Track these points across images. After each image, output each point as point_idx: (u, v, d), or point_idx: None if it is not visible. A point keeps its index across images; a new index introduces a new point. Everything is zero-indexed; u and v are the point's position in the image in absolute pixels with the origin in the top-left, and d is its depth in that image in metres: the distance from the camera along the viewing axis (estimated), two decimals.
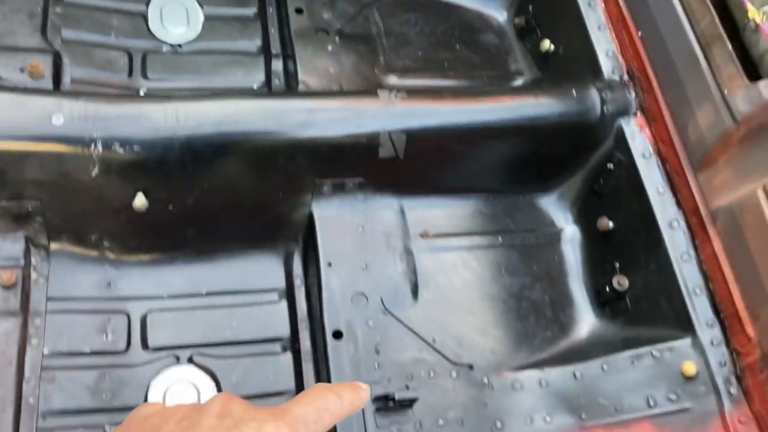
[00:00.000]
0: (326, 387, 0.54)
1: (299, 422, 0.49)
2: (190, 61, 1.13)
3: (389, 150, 0.96)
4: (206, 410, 0.48)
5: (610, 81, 1.04)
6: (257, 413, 0.48)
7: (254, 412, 0.48)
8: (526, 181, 1.06)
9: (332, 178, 0.97)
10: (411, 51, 1.16)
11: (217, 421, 0.46)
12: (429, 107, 0.98)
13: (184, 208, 0.93)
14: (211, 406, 0.48)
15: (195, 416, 0.47)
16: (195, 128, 0.89)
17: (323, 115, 0.94)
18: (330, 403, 0.52)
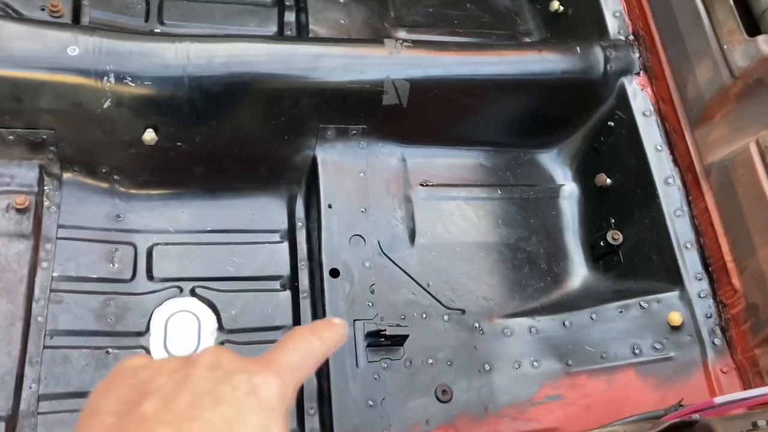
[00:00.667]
0: (307, 330, 0.55)
1: (286, 370, 0.50)
2: (205, 8, 1.16)
3: (393, 98, 0.98)
4: (197, 362, 0.48)
5: (615, 40, 1.05)
6: (247, 364, 0.49)
7: (244, 364, 0.49)
8: (527, 136, 1.08)
9: (336, 123, 0.99)
10: (421, 7, 1.18)
11: (209, 373, 0.47)
12: (433, 57, 1.00)
13: (192, 145, 0.96)
14: (202, 358, 0.48)
15: (186, 369, 0.47)
16: (204, 67, 0.92)
17: (329, 60, 0.96)
18: (313, 346, 0.53)
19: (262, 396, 0.46)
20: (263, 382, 0.47)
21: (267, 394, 0.46)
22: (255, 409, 0.45)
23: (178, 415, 0.43)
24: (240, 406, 0.45)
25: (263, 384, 0.47)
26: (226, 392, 0.45)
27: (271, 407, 0.46)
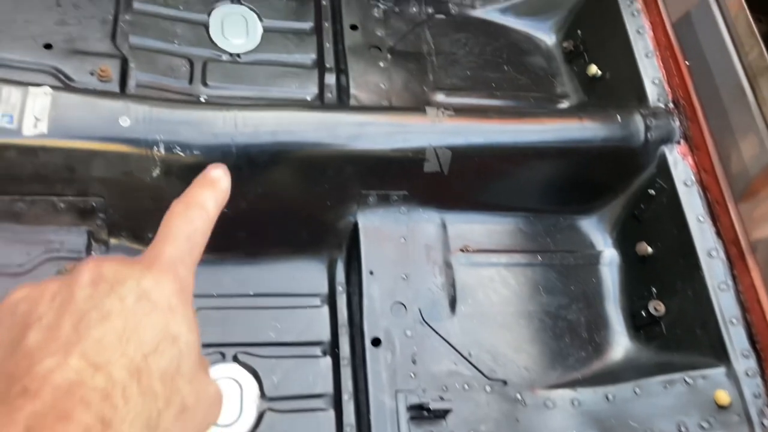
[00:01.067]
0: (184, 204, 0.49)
1: (176, 263, 0.46)
2: (248, 70, 1.18)
3: (434, 165, 0.99)
4: (76, 281, 0.43)
5: (655, 108, 1.05)
6: (131, 269, 0.44)
7: (127, 270, 0.44)
8: (567, 202, 1.08)
9: (378, 189, 1.00)
10: (459, 70, 1.20)
11: (92, 290, 0.42)
12: (475, 125, 1.01)
13: (237, 211, 0.96)
14: (80, 274, 0.43)
15: (65, 291, 0.43)
16: (252, 136, 0.94)
17: (373, 129, 0.98)
18: (197, 221, 0.48)
19: (154, 298, 0.42)
20: (152, 284, 0.43)
21: (160, 294, 0.42)
22: (148, 312, 0.41)
23: (65, 340, 0.39)
24: (130, 315, 0.41)
25: (153, 285, 0.43)
26: (114, 305, 0.41)
27: (167, 305, 0.42)
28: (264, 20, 1.24)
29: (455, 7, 1.26)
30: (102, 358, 0.38)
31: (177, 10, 1.20)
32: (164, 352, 0.41)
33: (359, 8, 1.21)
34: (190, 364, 0.42)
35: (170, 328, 0.42)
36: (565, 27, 1.26)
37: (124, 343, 0.39)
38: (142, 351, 0.40)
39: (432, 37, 1.22)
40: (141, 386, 0.39)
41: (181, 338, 0.42)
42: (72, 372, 0.37)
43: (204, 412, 0.44)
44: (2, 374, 0.39)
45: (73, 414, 0.36)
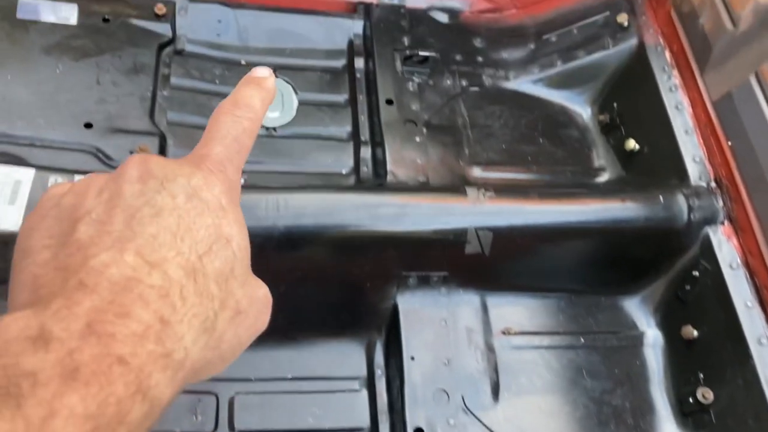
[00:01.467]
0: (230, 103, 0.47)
1: (224, 163, 0.44)
2: (284, 144, 1.18)
3: (476, 247, 0.98)
4: (124, 177, 0.41)
5: (697, 187, 1.04)
6: (179, 167, 0.43)
7: (176, 167, 0.42)
8: (608, 282, 1.07)
9: (418, 271, 0.99)
10: (495, 143, 1.19)
11: (141, 186, 0.41)
12: (516, 207, 1.00)
13: (276, 294, 0.96)
14: (128, 170, 0.42)
15: (113, 185, 0.41)
16: (294, 218, 0.93)
17: (413, 211, 0.97)
18: (245, 121, 0.47)
19: (204, 197, 0.41)
20: (202, 182, 0.42)
21: (210, 193, 0.41)
22: (201, 212, 0.40)
23: (118, 235, 0.37)
24: (183, 213, 0.39)
25: (203, 184, 0.41)
26: (165, 201, 0.40)
27: (218, 205, 0.41)
28: (299, 93, 1.25)
29: (489, 79, 1.27)
30: (158, 255, 0.37)
31: (213, 85, 1.21)
32: (218, 253, 0.39)
33: (394, 82, 1.21)
34: (242, 267, 0.41)
35: (223, 229, 0.40)
36: (600, 99, 1.25)
37: (178, 242, 0.38)
38: (197, 251, 0.38)
39: (467, 110, 1.22)
40: (197, 286, 0.37)
41: (233, 240, 0.41)
42: (128, 268, 0.36)
43: (255, 317, 0.44)
44: (56, 267, 0.37)
45: (132, 311, 0.34)
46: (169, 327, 0.36)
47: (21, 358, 0.31)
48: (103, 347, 0.33)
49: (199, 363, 0.39)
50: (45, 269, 0.38)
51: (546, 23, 1.31)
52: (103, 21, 1.17)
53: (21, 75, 1.06)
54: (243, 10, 1.27)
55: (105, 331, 0.33)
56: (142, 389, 0.34)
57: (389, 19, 1.29)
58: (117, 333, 0.34)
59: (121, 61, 1.13)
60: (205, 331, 0.38)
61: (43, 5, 1.15)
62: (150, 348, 0.34)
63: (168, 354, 0.35)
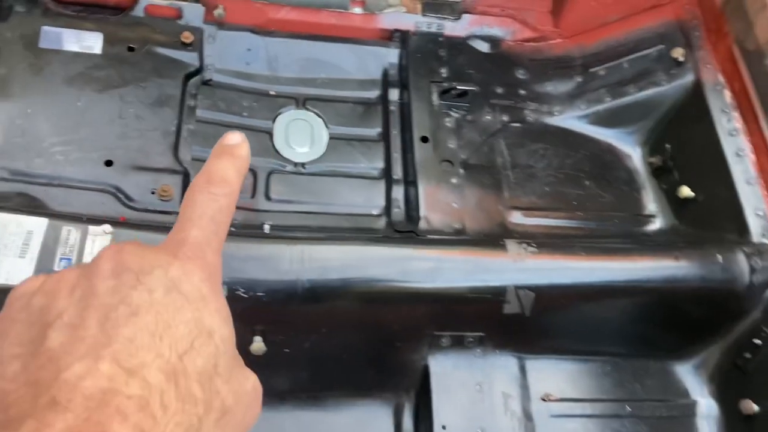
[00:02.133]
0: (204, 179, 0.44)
1: (203, 247, 0.42)
2: (313, 182, 1.12)
3: (515, 307, 0.91)
4: (97, 271, 0.39)
5: (759, 245, 0.95)
6: (155, 257, 0.40)
7: (152, 257, 0.40)
8: (658, 345, 0.98)
9: (451, 331, 0.92)
10: (537, 185, 1.12)
11: (115, 281, 0.38)
12: (560, 263, 0.92)
13: (299, 351, 0.91)
14: (101, 263, 0.39)
15: (85, 282, 0.39)
16: (319, 273, 0.87)
17: (449, 266, 0.90)
18: (221, 198, 0.44)
19: (184, 289, 0.39)
20: (180, 273, 0.39)
21: (189, 284, 0.39)
22: (180, 306, 0.38)
23: (92, 341, 0.35)
24: (161, 309, 0.37)
25: (181, 275, 0.39)
26: (142, 298, 0.37)
27: (198, 296, 0.39)
28: (330, 127, 1.19)
29: (532, 114, 1.19)
30: (135, 360, 0.34)
31: (241, 117, 1.15)
32: (200, 349, 0.37)
33: (430, 118, 1.14)
34: (226, 361, 0.39)
35: (204, 322, 0.38)
36: (651, 140, 1.17)
37: (157, 342, 0.35)
38: (177, 350, 0.36)
39: (507, 147, 1.15)
40: (179, 391, 0.35)
41: (215, 333, 0.38)
42: (104, 379, 0.33)
43: (243, 412, 0.40)
44: (26, 381, 0.35)
45: (109, 428, 0.32)
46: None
47: None
48: None
49: None
50: (15, 384, 0.35)
51: (594, 55, 1.23)
52: (128, 50, 1.12)
53: (41, 108, 1.01)
54: (273, 38, 1.21)
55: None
56: None
57: (426, 49, 1.22)
58: None
59: (145, 92, 1.08)
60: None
61: (66, 34, 1.10)
62: None
63: None
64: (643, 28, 1.20)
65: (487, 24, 1.26)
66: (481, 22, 1.26)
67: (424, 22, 1.24)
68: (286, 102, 1.20)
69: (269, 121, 1.17)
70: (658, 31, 1.19)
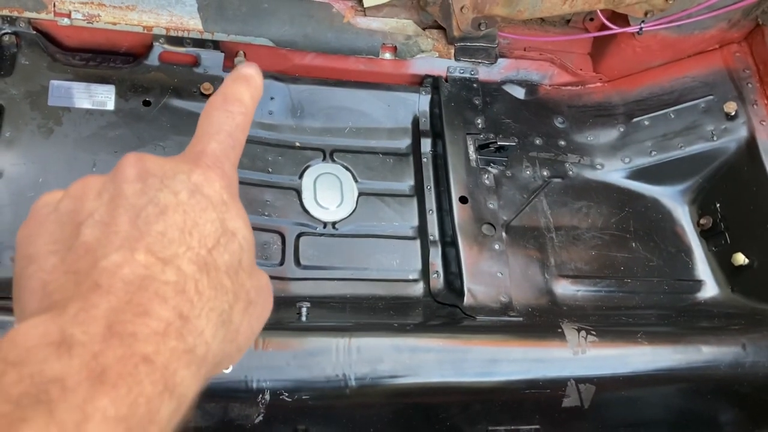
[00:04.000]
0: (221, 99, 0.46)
1: (221, 158, 0.43)
2: (345, 244, 1.05)
3: (575, 400, 0.85)
4: (122, 176, 0.40)
5: None
6: (177, 164, 0.41)
7: (174, 165, 0.41)
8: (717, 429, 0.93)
9: (506, 425, 0.86)
10: (583, 249, 1.06)
11: (141, 184, 0.39)
12: (622, 353, 0.87)
13: None
14: (125, 169, 0.40)
15: (111, 186, 0.40)
16: (368, 371, 0.81)
17: (505, 361, 0.84)
18: (237, 116, 0.46)
19: (207, 193, 0.40)
20: (202, 178, 0.41)
21: (211, 189, 0.41)
22: (204, 207, 0.40)
23: (125, 235, 0.37)
24: (188, 209, 0.39)
25: (203, 180, 0.41)
26: (169, 199, 0.39)
27: (220, 200, 0.41)
28: (359, 181, 1.11)
29: (573, 168, 1.13)
30: (168, 251, 0.37)
31: (266, 174, 1.08)
32: (226, 246, 0.39)
33: (468, 174, 1.07)
34: (249, 259, 0.42)
35: (227, 223, 0.40)
36: (699, 197, 1.11)
37: (187, 237, 0.38)
38: (206, 245, 0.38)
39: (549, 206, 1.09)
40: (211, 280, 0.38)
41: (238, 233, 0.40)
42: (141, 267, 0.36)
43: (263, 306, 0.44)
44: (66, 271, 0.37)
45: (150, 309, 0.35)
46: (189, 323, 0.36)
47: (46, 364, 0.31)
48: (127, 348, 0.33)
49: (219, 356, 0.39)
50: (54, 274, 0.38)
51: (636, 102, 1.17)
52: (143, 104, 1.03)
53: (54, 177, 0.93)
54: (298, 85, 1.13)
55: (126, 331, 0.33)
56: (169, 387, 0.34)
57: (460, 96, 1.15)
58: (138, 332, 0.34)
59: (164, 152, 1.00)
60: (222, 324, 0.38)
61: (76, 88, 1.01)
62: (173, 345, 0.34)
63: (191, 350, 0.35)
64: (690, 75, 1.14)
65: (523, 68, 1.18)
66: (518, 66, 1.18)
67: (457, 67, 1.17)
68: (313, 155, 1.12)
69: (295, 176, 1.09)
70: (707, 80, 1.13)
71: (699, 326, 0.94)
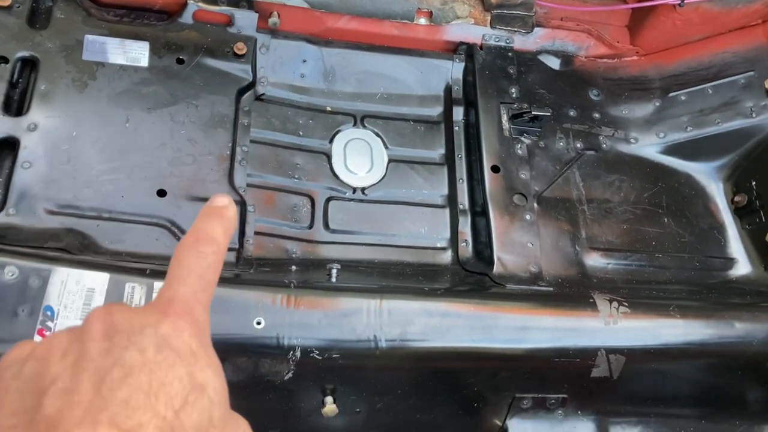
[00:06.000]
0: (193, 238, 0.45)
1: (191, 304, 0.42)
2: (373, 210, 1.05)
3: (604, 371, 0.85)
4: (88, 334, 0.39)
5: None
6: (145, 316, 0.41)
7: (141, 317, 0.40)
8: (745, 406, 0.93)
9: (534, 393, 0.86)
10: (614, 223, 1.05)
11: (107, 342, 0.39)
12: (654, 325, 0.86)
13: (371, 412, 0.85)
14: (91, 326, 0.40)
15: (77, 346, 0.39)
16: (399, 334, 0.81)
17: (536, 330, 0.84)
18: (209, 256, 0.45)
19: (175, 345, 0.40)
20: (171, 330, 0.40)
21: (179, 340, 0.40)
22: (172, 363, 0.39)
23: (88, 406, 0.36)
24: (154, 367, 0.38)
25: (171, 331, 0.40)
26: (135, 358, 0.38)
27: (189, 352, 0.40)
28: (390, 147, 1.10)
29: (607, 141, 1.11)
30: (132, 421, 0.35)
31: (296, 137, 1.07)
32: (195, 403, 0.38)
33: (500, 144, 1.06)
34: (220, 413, 0.40)
35: (196, 376, 0.39)
36: (735, 174, 1.10)
37: (153, 401, 0.37)
38: (172, 407, 0.37)
39: (582, 179, 1.07)
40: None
41: (208, 386, 0.39)
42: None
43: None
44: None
45: None
46: None
47: None
48: None
49: None
50: None
51: (673, 77, 1.15)
52: (176, 62, 1.03)
53: (88, 130, 0.93)
54: (330, 49, 1.12)
55: None
56: None
57: (495, 65, 1.13)
58: None
59: (197, 111, 1.00)
60: None
61: (111, 44, 1.01)
62: None
63: None
64: (731, 50, 1.12)
65: (560, 38, 1.17)
66: (554, 36, 1.16)
67: (492, 35, 1.15)
68: (344, 120, 1.11)
69: (326, 141, 1.09)
70: (747, 55, 1.10)
71: (732, 302, 0.93)
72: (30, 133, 0.90)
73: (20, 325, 0.70)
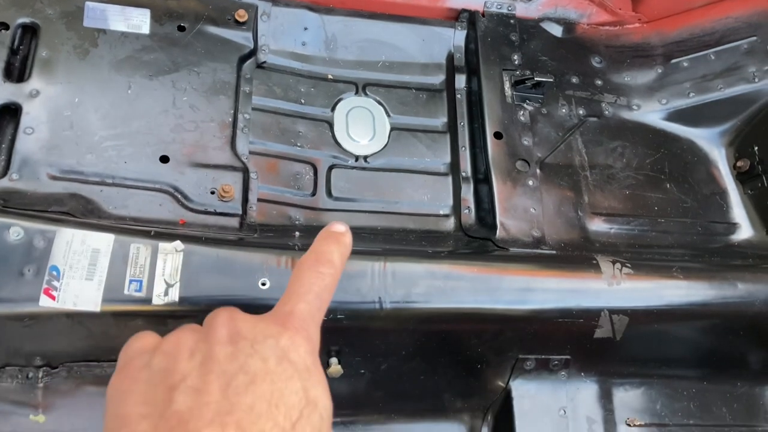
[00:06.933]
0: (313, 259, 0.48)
1: (308, 318, 0.45)
2: (375, 177, 1.05)
3: (607, 332, 0.85)
4: (214, 337, 0.42)
5: None
6: (267, 326, 0.43)
7: (264, 327, 0.43)
8: (749, 367, 0.94)
9: (537, 354, 0.87)
10: (617, 188, 1.05)
11: (232, 348, 0.41)
12: (657, 286, 0.87)
13: (376, 373, 0.86)
14: (217, 329, 0.42)
15: (204, 347, 0.41)
16: (403, 296, 0.81)
17: (539, 291, 0.84)
18: (327, 277, 0.48)
19: (293, 359, 0.41)
20: (290, 343, 0.42)
21: (297, 354, 0.42)
22: (290, 376, 0.40)
23: (217, 407, 0.38)
24: (276, 378, 0.40)
25: (290, 345, 0.42)
26: (258, 366, 0.40)
27: (305, 367, 0.41)
28: (392, 115, 1.10)
29: (609, 108, 1.11)
30: (256, 428, 0.37)
31: (298, 105, 1.07)
32: (308, 418, 0.39)
33: (503, 110, 1.06)
34: (327, 429, 0.41)
35: (309, 392, 0.40)
36: (737, 140, 1.10)
37: (274, 411, 0.38)
38: (290, 419, 0.38)
39: (584, 145, 1.07)
40: None
41: (319, 403, 0.40)
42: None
43: None
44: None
45: None
46: None
47: None
48: None
49: None
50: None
51: (676, 44, 1.14)
52: (178, 30, 1.02)
53: (90, 97, 0.93)
54: (332, 16, 1.12)
55: None
56: None
57: (497, 32, 1.13)
58: None
59: (199, 78, 0.99)
60: None
61: (111, 10, 1.00)
62: None
63: None
64: (733, 16, 1.11)
65: (562, 5, 1.16)
66: (556, 3, 1.16)
67: (494, 2, 1.15)
68: (346, 87, 1.11)
69: (328, 109, 1.09)
70: (750, 20, 1.10)
71: (734, 264, 0.93)
72: (32, 99, 0.90)
73: (26, 285, 0.70)
